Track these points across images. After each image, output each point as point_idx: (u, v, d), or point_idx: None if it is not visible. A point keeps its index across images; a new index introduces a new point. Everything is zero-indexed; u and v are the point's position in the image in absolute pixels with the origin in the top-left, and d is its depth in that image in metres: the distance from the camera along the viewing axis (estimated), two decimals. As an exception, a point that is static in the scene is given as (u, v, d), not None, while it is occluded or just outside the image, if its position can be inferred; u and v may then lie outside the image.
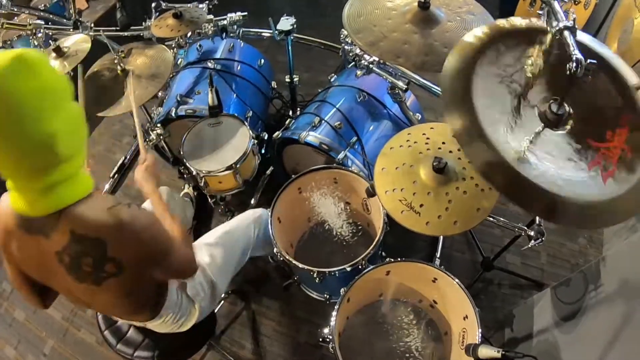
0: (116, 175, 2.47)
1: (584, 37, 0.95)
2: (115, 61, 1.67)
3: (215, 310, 1.50)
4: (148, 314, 1.14)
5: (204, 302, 1.33)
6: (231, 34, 2.01)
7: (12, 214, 0.83)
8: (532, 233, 1.30)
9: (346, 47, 1.71)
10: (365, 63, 1.63)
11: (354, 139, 1.73)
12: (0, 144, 0.71)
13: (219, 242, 1.47)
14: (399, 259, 1.40)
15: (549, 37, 0.91)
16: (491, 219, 1.48)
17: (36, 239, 0.84)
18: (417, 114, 1.87)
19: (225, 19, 1.97)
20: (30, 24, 1.87)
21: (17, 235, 0.85)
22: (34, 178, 0.77)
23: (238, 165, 1.65)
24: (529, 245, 1.30)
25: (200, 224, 2.18)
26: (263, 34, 2.13)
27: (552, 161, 0.82)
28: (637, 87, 0.84)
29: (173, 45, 1.97)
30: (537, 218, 1.29)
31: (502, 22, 0.98)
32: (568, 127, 0.87)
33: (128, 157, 2.56)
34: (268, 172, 2.17)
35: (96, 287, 0.89)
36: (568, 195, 0.77)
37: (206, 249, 1.43)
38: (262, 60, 2.26)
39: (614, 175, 0.79)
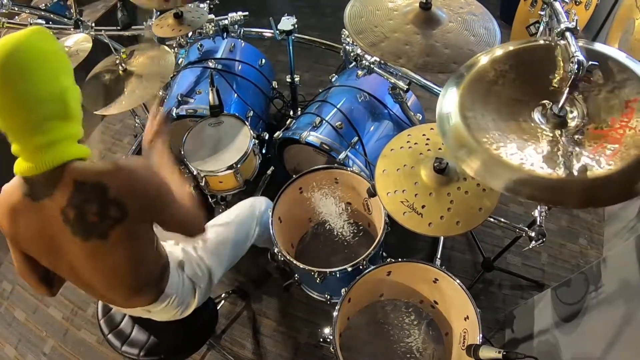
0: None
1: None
2: (117, 61, 1.67)
3: (217, 309, 1.50)
4: (152, 293, 1.15)
5: (202, 283, 1.33)
6: (232, 34, 2.01)
7: (18, 187, 0.89)
8: (533, 234, 1.30)
9: (347, 47, 1.71)
10: (367, 63, 1.64)
11: (355, 139, 1.73)
12: (24, 89, 0.80)
13: (215, 225, 1.47)
14: (399, 260, 1.40)
15: (558, 49, 0.91)
16: (492, 219, 1.48)
17: (42, 206, 0.88)
18: (418, 114, 1.87)
19: (226, 18, 1.97)
20: (31, 24, 1.87)
21: (24, 207, 0.90)
22: (44, 129, 0.85)
23: (239, 165, 1.65)
24: (530, 246, 1.30)
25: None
26: (264, 33, 2.13)
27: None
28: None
29: (174, 45, 1.97)
30: (538, 219, 1.29)
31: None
32: (574, 123, 0.87)
33: (128, 156, 2.56)
34: (269, 172, 2.17)
35: (103, 242, 0.91)
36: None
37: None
38: (263, 60, 2.26)
39: (618, 154, 0.78)
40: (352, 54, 1.67)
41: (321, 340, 1.36)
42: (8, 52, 0.79)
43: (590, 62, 0.80)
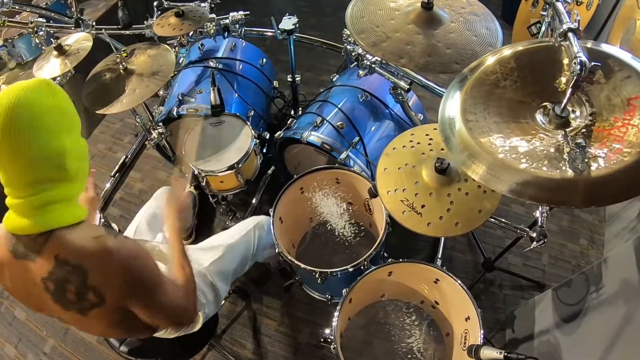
0: (117, 174, 2.47)
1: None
2: (117, 60, 1.66)
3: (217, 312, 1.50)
4: (146, 335, 1.11)
5: (207, 308, 1.33)
6: (233, 33, 2.01)
7: (4, 240, 0.86)
8: (534, 235, 1.30)
9: (348, 47, 1.70)
10: (368, 63, 1.63)
11: (356, 139, 1.73)
12: (18, 148, 0.77)
13: (219, 246, 1.47)
14: (401, 260, 1.40)
15: (563, 50, 0.91)
16: (493, 220, 1.48)
17: (25, 265, 0.85)
18: (420, 115, 1.87)
19: (227, 18, 1.96)
20: (31, 22, 1.87)
21: (9, 262, 0.86)
22: (37, 190, 0.81)
23: (240, 165, 1.65)
24: (531, 247, 1.30)
25: (202, 224, 2.18)
26: (265, 33, 2.13)
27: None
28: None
29: (175, 44, 1.97)
30: (540, 219, 1.29)
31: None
32: (577, 123, 0.87)
33: (129, 155, 2.56)
34: (270, 171, 2.17)
35: (82, 317, 0.88)
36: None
37: (206, 252, 1.43)
38: (264, 60, 2.26)
39: (621, 152, 0.78)
40: (353, 54, 1.67)
41: (322, 340, 1.36)
42: (8, 105, 0.76)
43: (593, 63, 0.80)
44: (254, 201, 2.13)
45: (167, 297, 0.95)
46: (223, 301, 1.89)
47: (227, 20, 1.96)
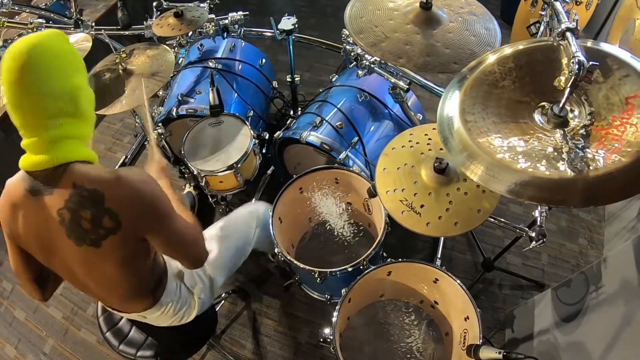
0: (117, 175, 2.47)
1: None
2: (116, 61, 1.66)
3: (217, 309, 1.50)
4: (146, 300, 1.14)
5: (203, 293, 1.33)
6: (232, 34, 2.01)
7: (21, 182, 0.91)
8: (533, 234, 1.30)
9: (347, 47, 1.70)
10: (367, 63, 1.63)
11: (355, 139, 1.73)
12: (37, 83, 0.84)
13: (215, 234, 1.47)
14: (400, 260, 1.40)
15: (562, 49, 0.91)
16: (492, 219, 1.48)
17: (40, 202, 0.89)
18: (419, 114, 1.87)
19: (226, 18, 1.96)
20: (31, 23, 1.87)
21: (24, 202, 0.91)
22: (55, 124, 0.87)
23: (239, 165, 1.65)
24: (531, 247, 1.30)
25: (201, 224, 2.17)
26: (264, 33, 2.12)
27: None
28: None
29: (174, 45, 1.97)
30: (539, 219, 1.29)
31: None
32: (575, 122, 0.87)
33: (129, 155, 2.56)
34: (269, 171, 2.17)
35: (95, 250, 0.91)
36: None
37: None
38: (263, 60, 2.26)
39: (619, 152, 0.78)
40: (352, 54, 1.67)
41: (321, 340, 1.36)
42: (26, 49, 0.83)
43: (591, 63, 0.80)
44: (253, 201, 2.13)
45: (180, 225, 1.01)
46: (222, 301, 1.91)
47: (227, 21, 1.96)
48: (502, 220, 1.48)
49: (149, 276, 1.10)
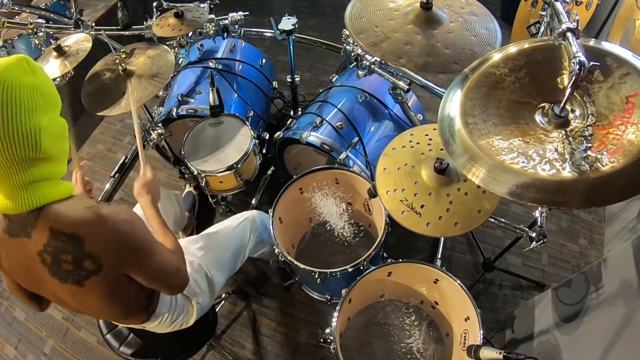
0: (117, 175, 2.47)
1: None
2: (116, 61, 1.66)
3: (217, 310, 1.50)
4: (141, 317, 1.13)
5: (201, 298, 1.32)
6: (232, 34, 2.01)
7: (0, 221, 0.87)
8: (533, 234, 1.30)
9: (348, 47, 1.70)
10: (367, 63, 1.63)
11: (356, 139, 1.73)
12: None
13: (212, 237, 1.47)
14: (400, 260, 1.40)
15: (563, 48, 0.91)
16: (492, 220, 1.48)
17: (20, 242, 0.86)
18: (419, 115, 1.87)
19: (226, 18, 1.96)
20: (31, 23, 1.86)
21: (4, 242, 0.88)
22: (17, 169, 0.81)
23: (239, 165, 1.65)
24: (531, 247, 1.30)
25: (201, 224, 2.18)
26: (264, 33, 2.13)
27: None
28: None
29: (174, 45, 1.96)
30: (539, 219, 1.29)
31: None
32: (576, 123, 0.87)
33: (129, 156, 2.56)
34: (269, 172, 2.17)
35: (79, 287, 0.89)
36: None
37: (197, 242, 1.43)
38: (264, 60, 2.26)
39: (619, 152, 0.78)
40: (352, 54, 1.67)
41: (321, 340, 1.35)
42: None
43: (591, 63, 0.80)
44: (253, 201, 2.13)
45: (162, 257, 0.98)
46: (222, 302, 1.91)
47: (227, 21, 1.96)
48: (503, 220, 1.48)
49: (138, 297, 1.08)
